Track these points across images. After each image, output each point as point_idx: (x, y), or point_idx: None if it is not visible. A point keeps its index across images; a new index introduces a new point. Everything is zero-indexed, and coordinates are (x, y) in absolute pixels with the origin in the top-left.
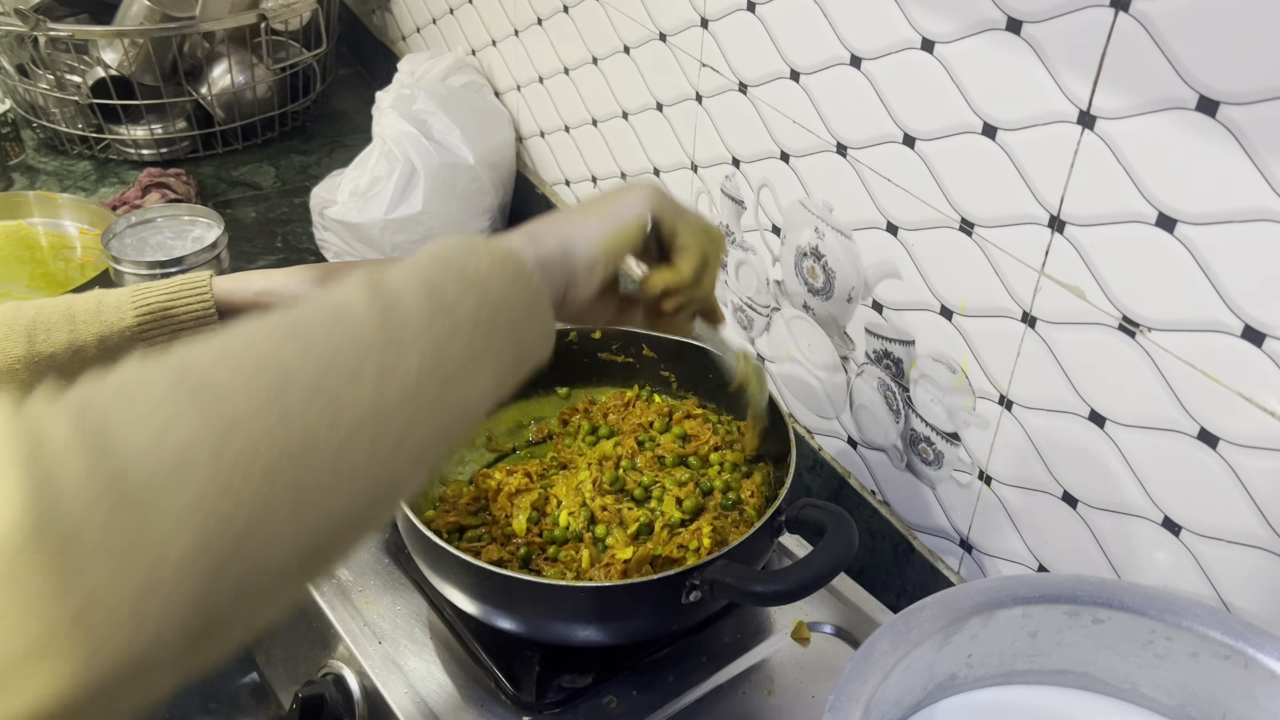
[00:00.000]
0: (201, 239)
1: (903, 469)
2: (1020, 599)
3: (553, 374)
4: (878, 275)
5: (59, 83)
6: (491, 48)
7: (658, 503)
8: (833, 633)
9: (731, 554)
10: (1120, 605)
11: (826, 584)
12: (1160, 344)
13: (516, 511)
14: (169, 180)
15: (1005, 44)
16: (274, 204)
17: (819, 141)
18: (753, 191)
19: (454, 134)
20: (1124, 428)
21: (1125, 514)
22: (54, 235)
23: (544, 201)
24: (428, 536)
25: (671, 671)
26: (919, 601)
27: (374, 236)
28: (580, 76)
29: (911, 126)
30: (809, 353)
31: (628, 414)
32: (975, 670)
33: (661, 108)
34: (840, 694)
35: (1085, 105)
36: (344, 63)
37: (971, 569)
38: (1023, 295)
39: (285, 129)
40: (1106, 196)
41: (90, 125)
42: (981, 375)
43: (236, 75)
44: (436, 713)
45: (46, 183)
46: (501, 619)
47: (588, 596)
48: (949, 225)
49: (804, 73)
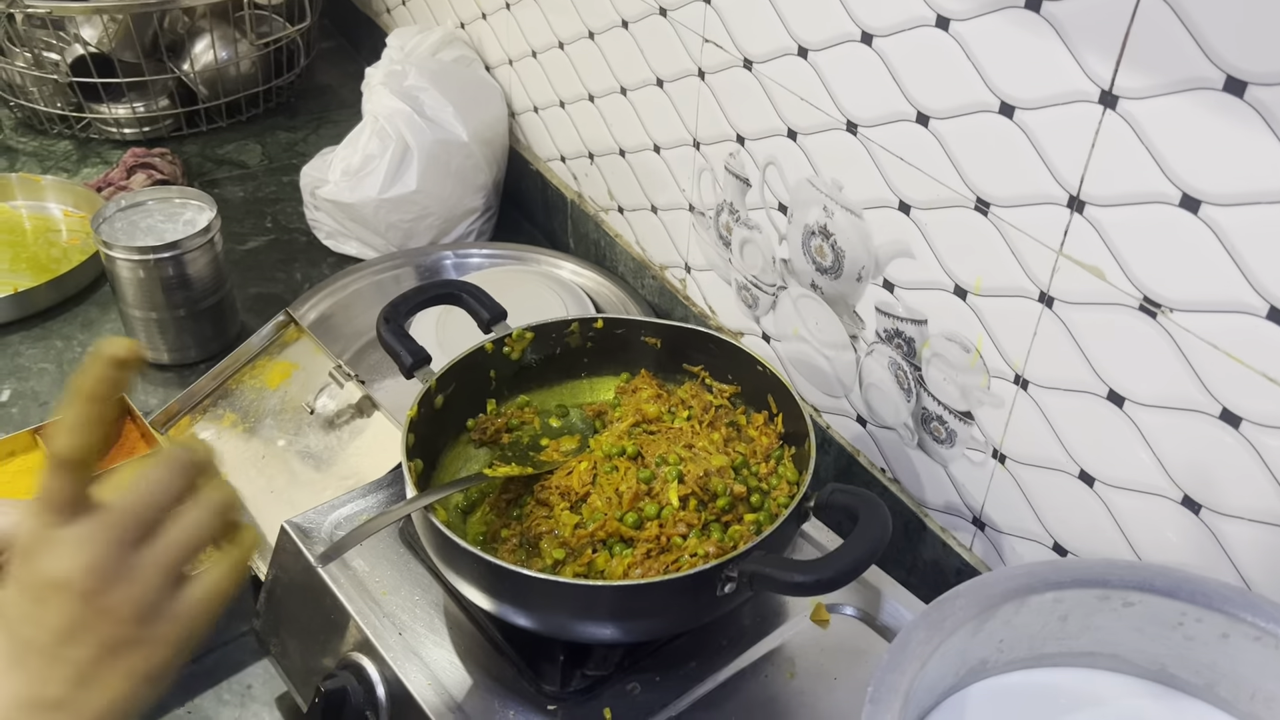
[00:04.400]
0: (194, 222)
1: (914, 447)
2: (1052, 584)
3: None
4: (889, 254)
5: (37, 60)
6: (481, 20)
7: (662, 485)
8: (853, 614)
9: (765, 544)
10: (1151, 588)
11: (866, 570)
12: (1182, 324)
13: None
14: (154, 160)
15: (1024, 22)
16: (262, 183)
17: (828, 119)
18: (758, 169)
19: (447, 110)
20: (1143, 407)
21: (1144, 492)
22: (38, 219)
23: (538, 178)
24: (459, 544)
25: (693, 657)
26: (952, 590)
27: (368, 216)
28: (576, 51)
29: (925, 105)
30: (817, 331)
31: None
32: (1006, 654)
33: (662, 84)
34: (880, 685)
35: (1107, 85)
36: (327, 35)
37: (984, 546)
38: (1040, 275)
39: (270, 105)
40: (1128, 177)
41: (70, 104)
42: (996, 354)
43: (219, 51)
44: (460, 702)
45: (26, 163)
46: (527, 619)
47: (620, 595)
48: (964, 204)
49: (812, 49)
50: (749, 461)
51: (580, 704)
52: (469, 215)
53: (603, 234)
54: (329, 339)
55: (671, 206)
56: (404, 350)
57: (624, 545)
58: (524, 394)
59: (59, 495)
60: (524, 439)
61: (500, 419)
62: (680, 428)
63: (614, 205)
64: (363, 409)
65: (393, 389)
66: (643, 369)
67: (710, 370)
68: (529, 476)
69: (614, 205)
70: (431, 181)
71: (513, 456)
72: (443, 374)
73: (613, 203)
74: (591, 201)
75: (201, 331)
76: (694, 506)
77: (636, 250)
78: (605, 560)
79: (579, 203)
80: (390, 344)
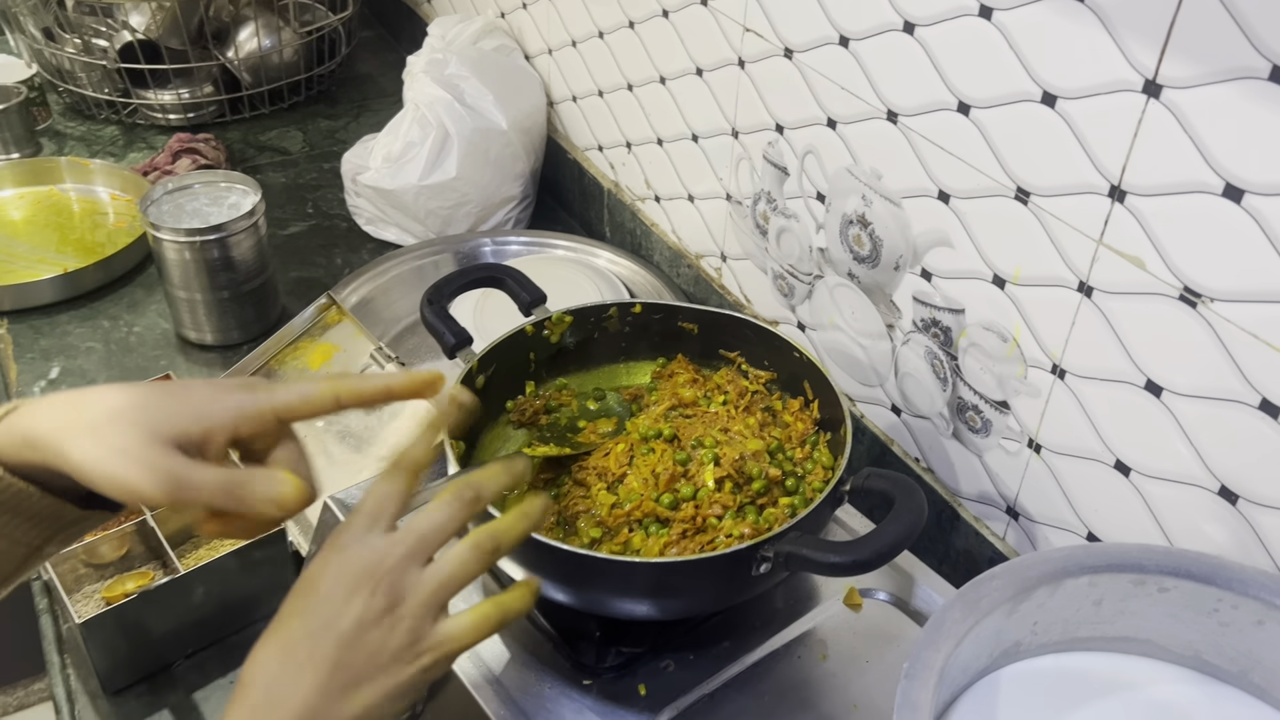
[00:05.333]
0: (238, 206)
1: (948, 436)
2: (1087, 568)
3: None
4: (927, 243)
5: (86, 46)
6: (522, 10)
7: (698, 467)
8: (885, 599)
9: (801, 525)
10: (1186, 574)
11: (901, 553)
12: (1222, 314)
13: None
14: (199, 145)
15: (1068, 11)
16: (303, 169)
17: (868, 108)
18: (797, 158)
19: (486, 99)
20: (1182, 397)
21: (1180, 483)
22: (86, 201)
23: (575, 167)
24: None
25: (726, 637)
26: (988, 571)
27: (408, 202)
28: (616, 40)
29: (967, 94)
30: (853, 320)
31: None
32: (1039, 637)
33: (701, 73)
34: (915, 661)
35: (1151, 74)
36: (366, 25)
37: (1018, 536)
38: (1079, 264)
39: (311, 93)
40: (1171, 166)
41: (117, 90)
42: (1034, 344)
43: (263, 39)
44: (498, 675)
45: (74, 148)
46: (565, 594)
47: (658, 571)
48: (1004, 194)
49: (853, 39)
50: (784, 446)
51: (615, 679)
52: (507, 203)
53: (639, 223)
54: (368, 322)
55: (708, 195)
56: (447, 331)
57: (659, 525)
58: (562, 377)
59: (383, 503)
60: (562, 421)
61: (539, 401)
62: (716, 412)
63: (651, 194)
64: None
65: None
66: (679, 354)
67: (746, 356)
68: (566, 457)
69: (651, 194)
70: (471, 169)
71: (551, 438)
72: (484, 355)
73: (649, 192)
74: (628, 190)
75: (244, 313)
76: (729, 489)
77: (672, 239)
78: (641, 540)
79: (616, 192)
80: (434, 324)
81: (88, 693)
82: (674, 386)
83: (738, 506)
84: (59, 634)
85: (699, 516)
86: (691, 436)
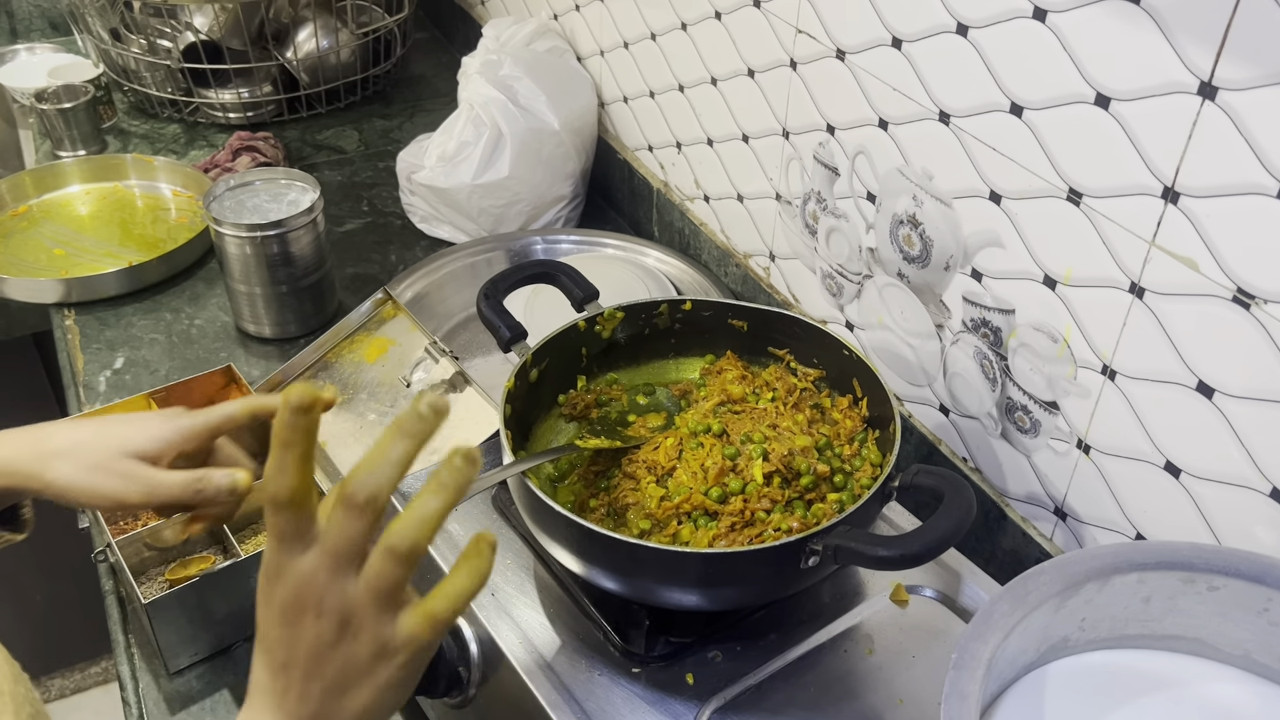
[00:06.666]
0: (297, 202)
1: (997, 437)
2: (1136, 565)
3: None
4: (978, 244)
5: (151, 47)
6: (575, 12)
7: (747, 461)
8: (932, 596)
9: (850, 519)
10: (1236, 573)
11: (949, 548)
12: (1276, 316)
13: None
14: (258, 144)
15: (1123, 13)
16: (358, 168)
17: (920, 109)
18: (847, 159)
19: (539, 99)
20: (1233, 399)
21: (1231, 484)
22: (149, 197)
23: (625, 166)
24: (554, 508)
25: (774, 630)
26: (1037, 565)
27: (461, 201)
28: (668, 42)
29: (1020, 96)
30: (902, 320)
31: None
32: (1087, 634)
33: (753, 74)
34: (963, 653)
35: (1207, 76)
36: (420, 27)
37: (1065, 536)
38: (1131, 266)
39: (366, 93)
40: (1225, 168)
41: (180, 89)
42: (1084, 345)
43: (321, 40)
44: (549, 661)
45: (138, 145)
46: (616, 583)
47: (707, 562)
48: (1056, 195)
49: (906, 40)
50: (832, 443)
51: (663, 668)
52: (557, 202)
53: (688, 222)
54: (422, 318)
55: (758, 195)
56: (503, 325)
57: (708, 518)
58: (613, 372)
59: (285, 530)
60: (612, 415)
61: (590, 395)
62: (765, 408)
63: (700, 194)
64: (455, 384)
65: (483, 367)
66: (728, 350)
67: (795, 354)
68: (617, 450)
69: (700, 194)
70: (523, 168)
71: (601, 431)
72: (538, 349)
73: (699, 191)
74: (677, 190)
75: (302, 307)
76: (778, 484)
77: (721, 239)
78: (690, 532)
79: (665, 191)
80: (490, 318)
81: (150, 672)
82: (723, 383)
83: (786, 501)
84: (124, 615)
85: (747, 510)
86: (740, 432)
